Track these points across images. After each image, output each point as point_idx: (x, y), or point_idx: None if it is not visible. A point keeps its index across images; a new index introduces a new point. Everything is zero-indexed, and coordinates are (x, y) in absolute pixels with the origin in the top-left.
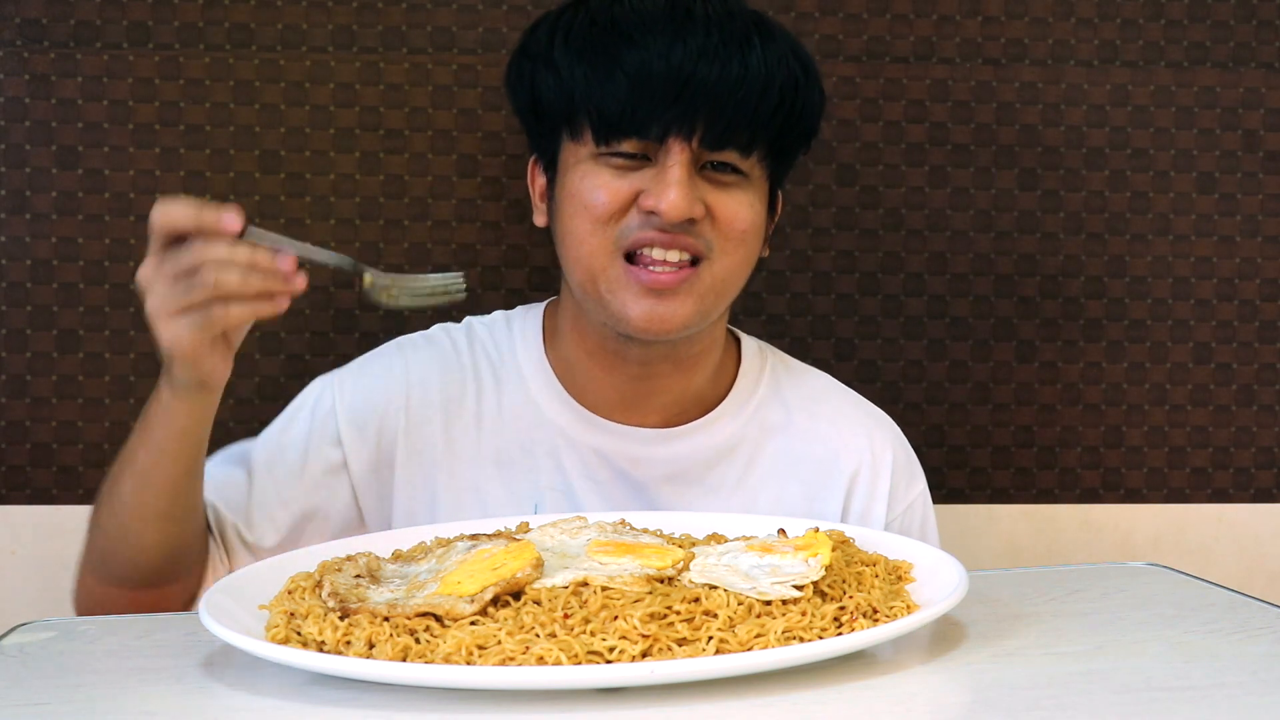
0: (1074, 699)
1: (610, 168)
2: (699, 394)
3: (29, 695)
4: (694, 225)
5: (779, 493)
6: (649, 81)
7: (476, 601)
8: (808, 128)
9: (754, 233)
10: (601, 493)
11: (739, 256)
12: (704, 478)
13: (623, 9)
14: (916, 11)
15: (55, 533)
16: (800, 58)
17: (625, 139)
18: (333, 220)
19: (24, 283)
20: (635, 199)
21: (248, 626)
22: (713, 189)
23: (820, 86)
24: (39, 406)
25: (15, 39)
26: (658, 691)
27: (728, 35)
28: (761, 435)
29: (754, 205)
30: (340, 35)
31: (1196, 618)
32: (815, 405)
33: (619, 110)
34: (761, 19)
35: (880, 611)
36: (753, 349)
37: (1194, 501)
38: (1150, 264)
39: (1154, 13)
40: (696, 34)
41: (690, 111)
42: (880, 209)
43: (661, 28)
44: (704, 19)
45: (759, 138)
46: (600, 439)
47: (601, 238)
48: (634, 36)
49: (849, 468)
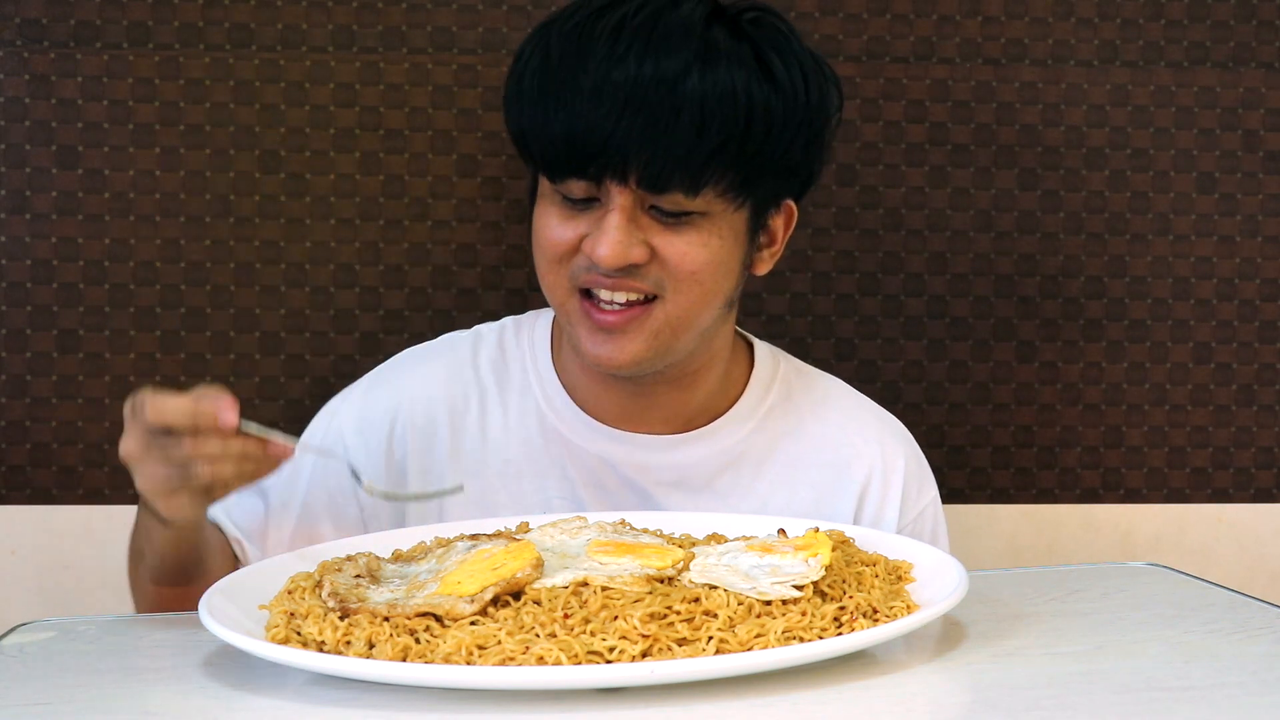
0: (1074, 699)
1: (561, 208)
2: (705, 404)
3: (29, 695)
4: (639, 268)
5: (789, 499)
6: (579, 133)
7: (476, 601)
8: (778, 159)
9: (711, 269)
10: (610, 501)
11: (694, 295)
12: (712, 484)
13: (566, 48)
14: (916, 11)
15: (55, 533)
16: (770, 74)
17: (568, 180)
18: (333, 220)
19: (24, 283)
20: (581, 242)
21: (248, 627)
22: (661, 229)
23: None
24: (39, 406)
25: (15, 39)
26: (658, 691)
27: (659, 78)
28: (772, 441)
29: (710, 243)
30: (340, 35)
31: (1196, 618)
32: (827, 411)
33: (557, 155)
34: (712, 39)
35: (880, 611)
36: (765, 355)
37: (1194, 501)
38: (1150, 264)
39: (1154, 13)
40: (627, 75)
41: (621, 158)
42: (880, 209)
43: (593, 75)
44: (640, 55)
45: (705, 179)
46: (606, 447)
47: (557, 274)
48: (568, 84)
49: (860, 475)
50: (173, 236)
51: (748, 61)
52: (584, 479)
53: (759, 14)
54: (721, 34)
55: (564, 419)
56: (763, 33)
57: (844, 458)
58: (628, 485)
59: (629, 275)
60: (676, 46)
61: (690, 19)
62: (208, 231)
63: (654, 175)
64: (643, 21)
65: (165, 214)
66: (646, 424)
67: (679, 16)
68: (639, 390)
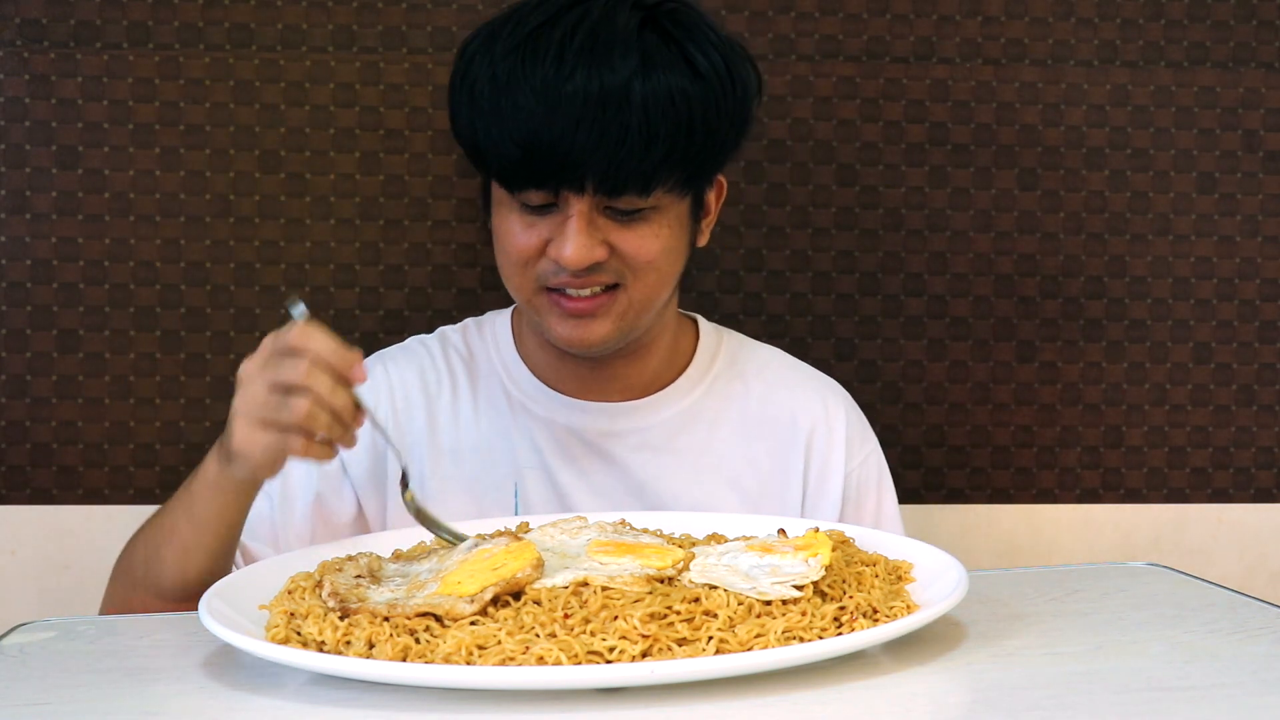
0: (1074, 699)
1: (521, 214)
2: (657, 373)
3: (29, 695)
4: (601, 264)
5: (746, 453)
6: (535, 148)
7: (476, 601)
8: (717, 151)
9: (666, 255)
10: (577, 467)
11: (652, 279)
12: (671, 444)
13: (515, 63)
14: (916, 11)
15: (55, 533)
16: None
17: (526, 190)
18: (333, 220)
19: (24, 283)
20: (545, 246)
21: (248, 627)
22: (617, 227)
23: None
24: (39, 406)
25: (15, 39)
26: (658, 691)
27: (607, 91)
28: (722, 404)
29: (661, 234)
30: (340, 35)
31: (1196, 618)
32: (770, 374)
33: (513, 169)
34: (648, 46)
35: (880, 611)
36: (709, 330)
37: (1194, 501)
38: (1150, 264)
39: (1154, 13)
40: (575, 91)
41: (576, 171)
42: (880, 209)
43: (543, 92)
44: (586, 69)
45: (655, 180)
46: (571, 416)
47: (523, 276)
48: (519, 100)
49: (806, 425)
50: (173, 236)
51: (678, 65)
52: (551, 448)
53: (676, 6)
54: (653, 40)
55: (529, 395)
56: (684, 29)
57: (789, 412)
58: (593, 451)
59: (593, 272)
60: (618, 60)
61: (626, 29)
62: (208, 231)
63: (609, 182)
64: (583, 38)
65: (165, 214)
66: (605, 394)
67: (616, 29)
68: (597, 365)
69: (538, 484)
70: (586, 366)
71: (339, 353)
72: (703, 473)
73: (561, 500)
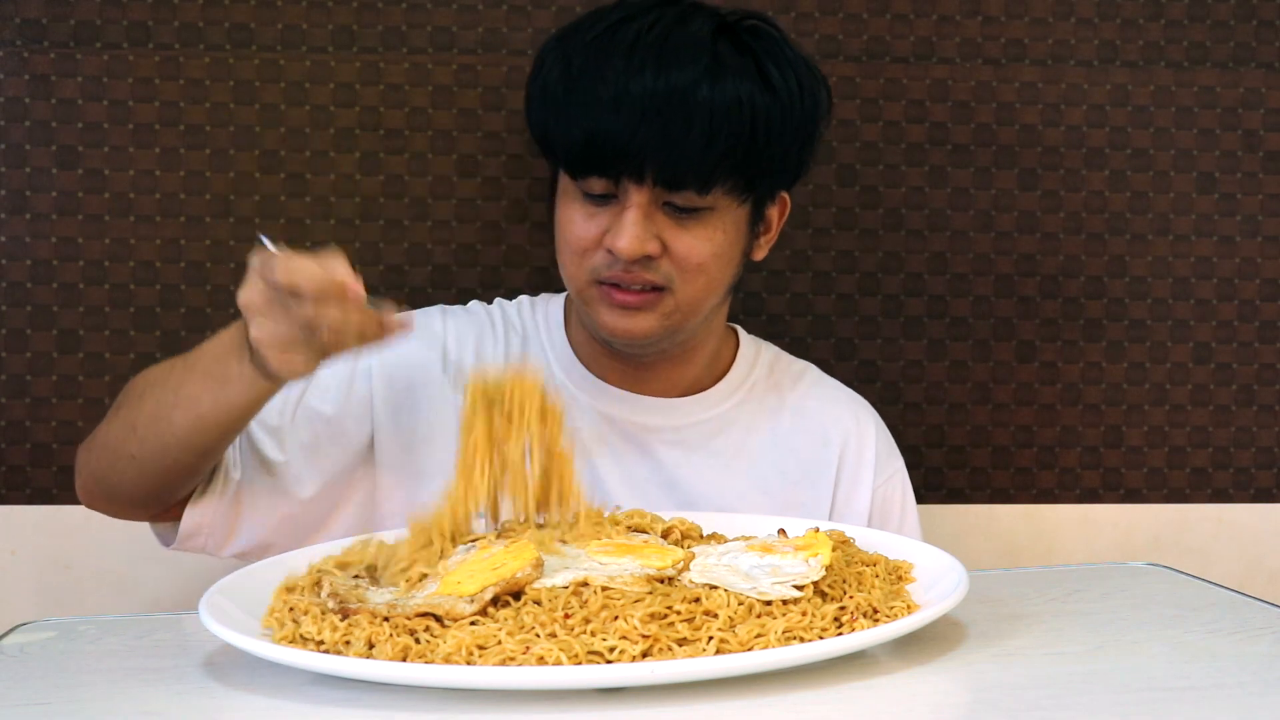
0: (1074, 699)
1: (583, 204)
2: (697, 379)
3: (29, 695)
4: (652, 261)
5: (777, 462)
6: (599, 136)
7: (476, 601)
8: (784, 151)
9: (716, 261)
10: (613, 454)
11: (700, 284)
12: (707, 444)
13: (587, 56)
14: (916, 11)
15: (55, 533)
16: (770, 84)
17: (589, 178)
18: (333, 220)
19: (24, 283)
20: (602, 237)
21: (248, 627)
22: (672, 225)
23: (801, 106)
24: (39, 406)
25: (15, 39)
26: (658, 691)
27: (673, 89)
28: (757, 412)
29: (714, 238)
30: (340, 35)
31: (1196, 618)
32: (805, 387)
33: (578, 155)
34: (720, 52)
35: (880, 611)
36: (749, 341)
37: (1194, 501)
38: (1150, 264)
39: (1154, 13)
40: (643, 92)
41: (638, 160)
42: (880, 209)
43: (612, 84)
44: (656, 64)
45: (714, 180)
46: (612, 406)
47: (579, 266)
48: (589, 91)
49: (838, 440)
50: (173, 236)
51: (750, 74)
52: (590, 434)
53: (756, 23)
54: (727, 48)
55: (574, 380)
56: (761, 43)
57: (821, 425)
58: (629, 440)
59: (643, 268)
60: (688, 61)
61: (699, 35)
62: (208, 231)
63: (669, 175)
64: (656, 37)
65: (165, 214)
66: (646, 391)
67: (689, 33)
68: (642, 364)
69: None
70: (630, 364)
71: (331, 283)
72: (735, 475)
73: (596, 486)
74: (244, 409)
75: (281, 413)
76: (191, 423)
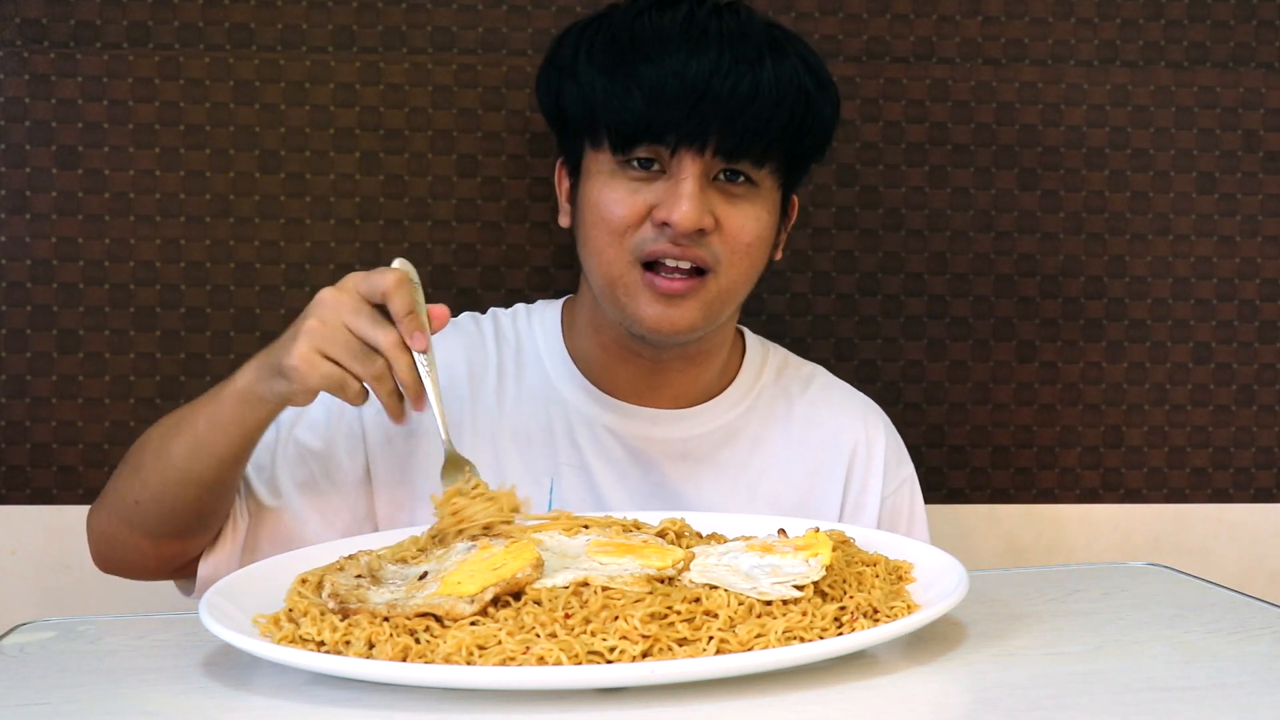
0: (1074, 699)
1: (627, 180)
2: (708, 385)
3: (29, 695)
4: (704, 236)
5: (784, 473)
6: (664, 95)
7: (476, 601)
8: (820, 139)
9: (760, 244)
10: (616, 470)
11: (744, 267)
12: (712, 457)
13: (642, 25)
14: (916, 11)
15: (55, 533)
16: (815, 72)
17: (641, 144)
18: (333, 220)
19: (24, 283)
20: (649, 212)
21: (247, 627)
22: (723, 201)
23: (834, 99)
24: (39, 406)
25: (15, 39)
26: (658, 691)
27: (741, 53)
28: (766, 421)
29: (761, 217)
30: (340, 35)
31: (1196, 618)
32: (814, 393)
33: (635, 122)
34: (776, 36)
35: (880, 611)
36: (756, 344)
37: (1194, 501)
38: (1150, 264)
39: (1154, 13)
40: (710, 51)
41: (703, 124)
42: (880, 209)
43: (677, 45)
44: (718, 36)
45: (772, 150)
46: (613, 419)
47: (618, 248)
48: (651, 53)
49: (848, 447)
50: (173, 236)
51: (803, 58)
52: (591, 448)
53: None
54: (780, 34)
55: (573, 392)
56: (797, 43)
57: (831, 432)
58: (633, 455)
59: (695, 244)
60: (750, 39)
61: (751, 20)
62: (208, 231)
63: (731, 144)
64: (708, 17)
65: (165, 214)
66: (652, 400)
67: (740, 19)
68: (654, 367)
69: (575, 483)
70: (641, 369)
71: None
72: (740, 488)
73: (598, 501)
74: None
75: (273, 451)
76: (187, 451)
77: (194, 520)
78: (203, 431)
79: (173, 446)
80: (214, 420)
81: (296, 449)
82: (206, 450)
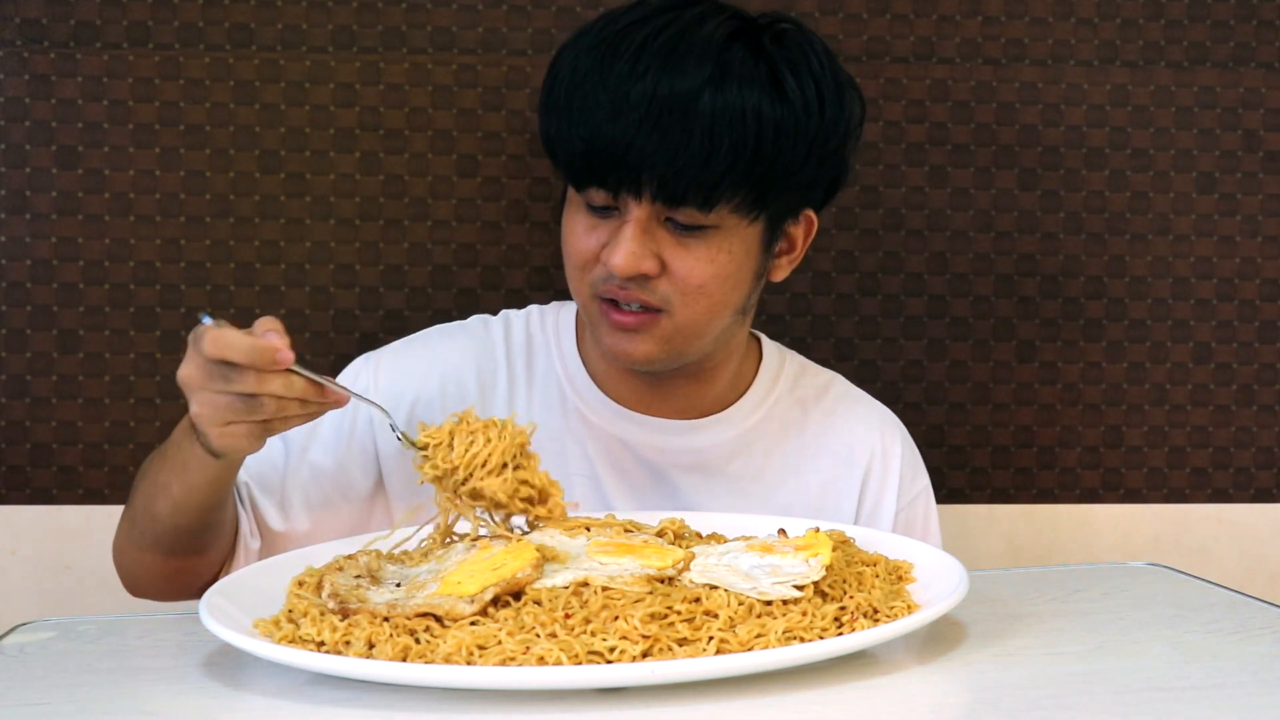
0: (1074, 699)
1: (585, 216)
2: (719, 396)
3: (29, 695)
4: (649, 280)
5: (798, 484)
6: (597, 145)
7: (476, 602)
8: (793, 176)
9: (719, 283)
10: (627, 480)
11: (700, 307)
12: (724, 469)
13: (591, 63)
14: (916, 11)
15: (55, 533)
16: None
17: (589, 189)
18: (333, 220)
19: (24, 283)
20: (601, 251)
21: (247, 627)
22: (673, 243)
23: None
24: (39, 406)
25: (15, 39)
26: (658, 691)
27: (673, 96)
28: (779, 431)
29: (717, 258)
30: (340, 35)
31: (1196, 618)
32: (830, 403)
33: (579, 165)
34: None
35: (880, 612)
36: (773, 351)
37: (1194, 501)
38: (1150, 264)
39: (1154, 13)
40: (642, 99)
41: (635, 174)
42: (880, 209)
43: (612, 91)
44: (658, 74)
45: (718, 194)
46: (624, 428)
47: (580, 280)
48: (591, 97)
49: (863, 460)
50: (173, 236)
51: (761, 81)
52: (603, 458)
53: (787, 28)
54: (739, 53)
55: (586, 400)
56: (783, 50)
57: (847, 444)
58: (644, 466)
59: (639, 287)
60: (692, 66)
61: (711, 38)
62: (208, 231)
63: (668, 190)
64: (664, 41)
65: (165, 214)
66: (663, 411)
67: (700, 36)
68: (657, 381)
69: (585, 492)
70: (645, 382)
71: (262, 350)
72: (752, 500)
73: (606, 512)
74: (206, 488)
75: (282, 473)
76: (170, 509)
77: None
78: (179, 493)
79: (156, 508)
80: (187, 483)
81: (311, 471)
82: (187, 504)
